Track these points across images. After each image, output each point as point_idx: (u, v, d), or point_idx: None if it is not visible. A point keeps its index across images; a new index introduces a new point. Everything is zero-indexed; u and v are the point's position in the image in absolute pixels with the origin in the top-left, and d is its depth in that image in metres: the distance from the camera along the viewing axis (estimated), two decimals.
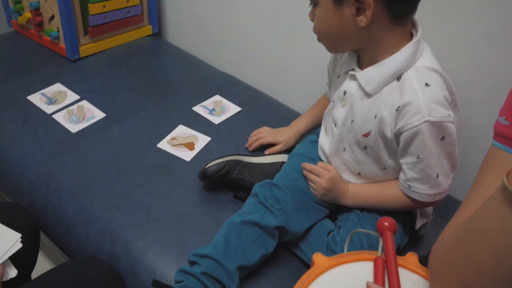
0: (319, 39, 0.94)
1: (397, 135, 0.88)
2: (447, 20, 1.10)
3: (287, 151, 1.22)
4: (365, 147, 0.96)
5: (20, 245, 0.89)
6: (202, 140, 1.33)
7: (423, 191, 0.91)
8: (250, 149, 1.29)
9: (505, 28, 1.03)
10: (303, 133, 1.27)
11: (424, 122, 0.83)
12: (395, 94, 0.87)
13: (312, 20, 0.91)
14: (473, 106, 1.14)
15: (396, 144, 0.90)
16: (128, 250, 1.03)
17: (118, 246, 1.04)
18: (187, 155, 1.27)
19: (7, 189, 1.27)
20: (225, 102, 1.51)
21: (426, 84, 0.84)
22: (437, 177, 0.89)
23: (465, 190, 0.65)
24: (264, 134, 1.29)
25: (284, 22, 1.49)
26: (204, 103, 1.49)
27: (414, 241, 1.09)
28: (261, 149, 1.28)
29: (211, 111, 1.46)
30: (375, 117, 0.90)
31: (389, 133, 0.89)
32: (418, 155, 0.87)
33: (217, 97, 1.52)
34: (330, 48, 0.96)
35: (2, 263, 0.85)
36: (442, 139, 0.85)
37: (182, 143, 1.31)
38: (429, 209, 1.06)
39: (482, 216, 0.53)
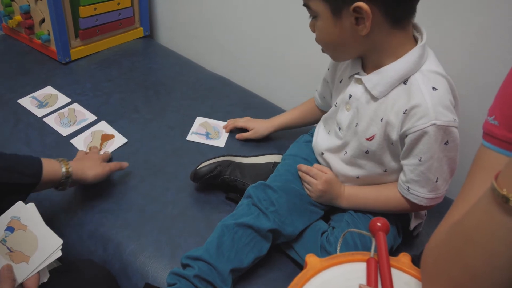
0: (323, 50, 0.95)
1: (403, 137, 0.88)
2: (438, 19, 1.11)
3: (283, 150, 1.22)
4: (367, 152, 0.96)
5: (60, 253, 0.84)
6: (117, 140, 1.30)
7: (421, 194, 0.91)
8: (226, 130, 1.37)
9: (496, 26, 1.03)
10: (278, 128, 1.31)
11: (431, 125, 0.82)
12: (402, 97, 0.87)
13: (313, 31, 0.91)
14: (462, 104, 1.14)
15: (400, 147, 0.90)
16: (120, 253, 1.02)
17: (110, 248, 1.03)
18: None
19: None
20: None
21: (433, 88, 0.84)
22: (436, 181, 0.89)
23: (457, 189, 0.65)
24: (242, 119, 1.36)
25: (276, 24, 1.49)
26: None
27: (407, 240, 1.08)
28: (253, 150, 1.28)
29: None
30: (381, 120, 0.90)
31: (394, 136, 0.89)
32: (421, 158, 0.86)
33: None
34: (335, 57, 0.97)
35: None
36: (446, 143, 0.85)
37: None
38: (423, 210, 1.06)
39: (472, 218, 0.52)
